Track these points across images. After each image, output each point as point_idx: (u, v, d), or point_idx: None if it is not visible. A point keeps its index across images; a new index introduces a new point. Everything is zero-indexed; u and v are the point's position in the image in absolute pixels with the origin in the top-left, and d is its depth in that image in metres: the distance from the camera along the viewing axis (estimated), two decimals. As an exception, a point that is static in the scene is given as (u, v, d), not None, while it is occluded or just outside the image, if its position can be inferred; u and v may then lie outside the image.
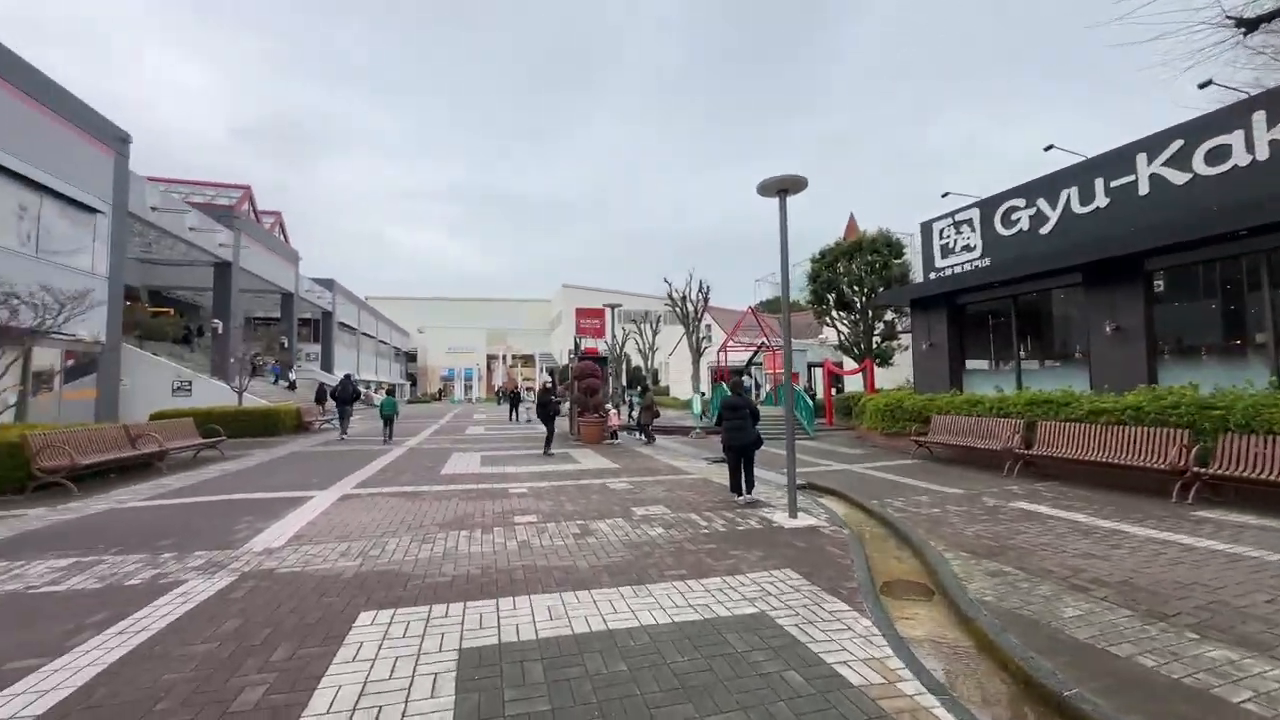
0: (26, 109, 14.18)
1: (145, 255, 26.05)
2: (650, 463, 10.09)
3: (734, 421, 6.76)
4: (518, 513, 6.05)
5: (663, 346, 43.16)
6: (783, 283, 6.11)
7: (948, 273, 12.82)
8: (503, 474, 8.73)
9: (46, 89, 14.79)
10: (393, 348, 60.68)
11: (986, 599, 3.68)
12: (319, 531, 5.26)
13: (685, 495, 7.05)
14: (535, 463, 10.07)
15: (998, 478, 8.31)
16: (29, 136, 14.15)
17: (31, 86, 14.22)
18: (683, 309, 30.52)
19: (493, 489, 7.44)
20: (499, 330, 74.86)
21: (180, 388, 20.05)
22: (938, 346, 12.89)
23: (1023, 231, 11.14)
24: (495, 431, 17.21)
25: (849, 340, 22.07)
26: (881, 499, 6.97)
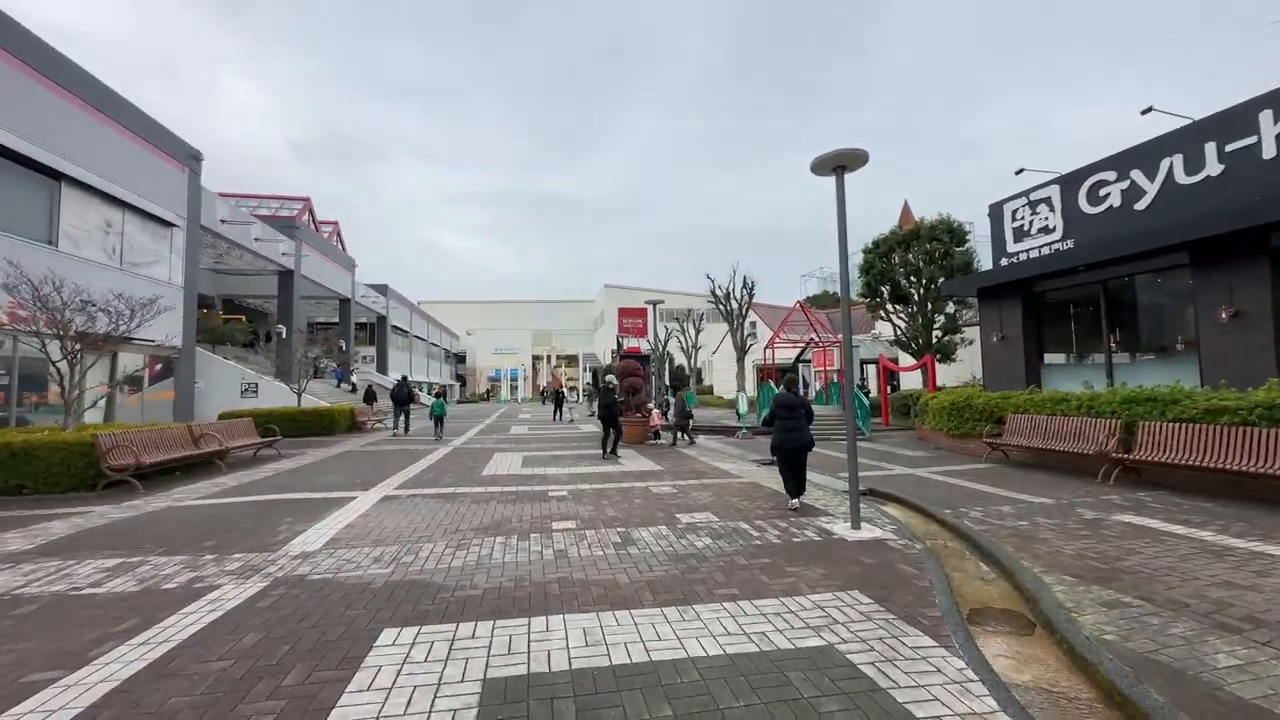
0: (111, 132, 15.27)
1: (217, 265, 27.86)
2: (695, 464, 9.63)
3: (788, 422, 6.14)
4: (556, 518, 5.76)
5: (706, 345, 42.42)
6: (841, 269, 5.53)
7: (1022, 258, 11.66)
8: (543, 475, 8.52)
9: (127, 112, 15.89)
10: (443, 350, 62.74)
11: (1107, 637, 3.04)
12: (356, 535, 5.15)
13: (734, 501, 6.57)
14: (576, 464, 9.82)
15: (1090, 485, 7.35)
16: (113, 158, 15.23)
17: (115, 111, 15.32)
18: (726, 306, 29.76)
19: (532, 491, 7.21)
20: (543, 331, 76.09)
21: (248, 389, 21.21)
22: (1011, 339, 11.75)
23: (1113, 208, 9.92)
24: (538, 432, 17.20)
25: (906, 335, 20.75)
26: (955, 508, 6.24)
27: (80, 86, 14.13)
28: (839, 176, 5.45)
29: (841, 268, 5.51)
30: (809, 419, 6.35)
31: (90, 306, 9.21)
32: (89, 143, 14.56)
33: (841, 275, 5.52)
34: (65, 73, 13.73)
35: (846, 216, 5.48)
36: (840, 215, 5.46)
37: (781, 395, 6.38)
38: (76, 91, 13.93)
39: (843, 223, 5.47)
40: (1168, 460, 6.98)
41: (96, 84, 14.79)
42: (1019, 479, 7.94)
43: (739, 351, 29.70)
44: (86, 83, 14.42)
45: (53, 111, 13.32)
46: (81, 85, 14.21)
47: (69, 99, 13.72)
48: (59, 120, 13.50)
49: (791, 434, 6.11)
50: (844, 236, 5.49)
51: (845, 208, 5.48)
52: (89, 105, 14.38)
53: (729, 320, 30.26)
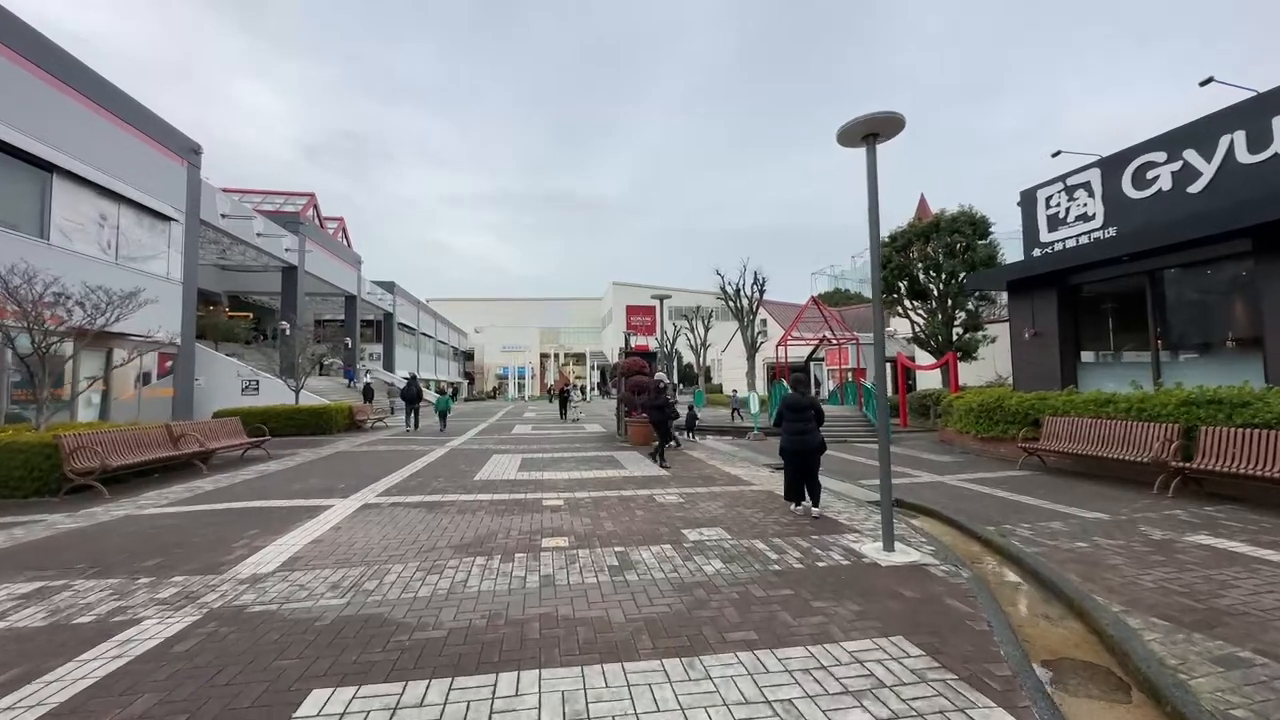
0: (106, 124, 14.87)
1: (222, 261, 27.62)
2: (703, 469, 8.97)
3: (796, 424, 5.85)
4: (547, 533, 5.13)
5: (715, 343, 41.66)
6: (873, 253, 4.84)
7: (1057, 248, 10.83)
8: (539, 481, 7.90)
9: (123, 104, 15.51)
10: (450, 347, 62.56)
11: (1236, 714, 2.34)
12: (319, 553, 4.55)
13: (748, 514, 5.89)
14: (577, 468, 9.19)
15: (1147, 497, 6.58)
16: (108, 149, 14.83)
17: (111, 102, 14.93)
18: (736, 303, 29.02)
19: (525, 500, 6.59)
20: (551, 329, 75.71)
21: (248, 387, 20.85)
22: (1045, 336, 10.93)
23: (1162, 192, 9.07)
24: (542, 431, 16.62)
25: (925, 332, 19.88)
26: (998, 524, 5.53)
27: (74, 77, 13.74)
28: (870, 147, 4.75)
29: (873, 252, 4.82)
30: (819, 420, 5.90)
31: (65, 299, 8.73)
32: (83, 134, 14.16)
33: (873, 259, 4.83)
34: (59, 63, 13.33)
35: (878, 195, 4.78)
36: (871, 192, 4.76)
37: (789, 396, 6.07)
38: (70, 82, 13.54)
39: (874, 200, 4.78)
40: (1237, 470, 6.20)
41: (91, 75, 14.40)
42: (1063, 489, 7.19)
43: (749, 349, 28.94)
44: (81, 74, 14.04)
45: (45, 102, 12.92)
46: (76, 76, 13.83)
47: (63, 89, 13.32)
48: (51, 111, 13.10)
49: (799, 436, 5.79)
50: (875, 216, 4.79)
51: (877, 184, 4.78)
52: (83, 96, 13.98)
53: (739, 317, 29.52)
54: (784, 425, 5.97)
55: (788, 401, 6.09)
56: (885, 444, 4.65)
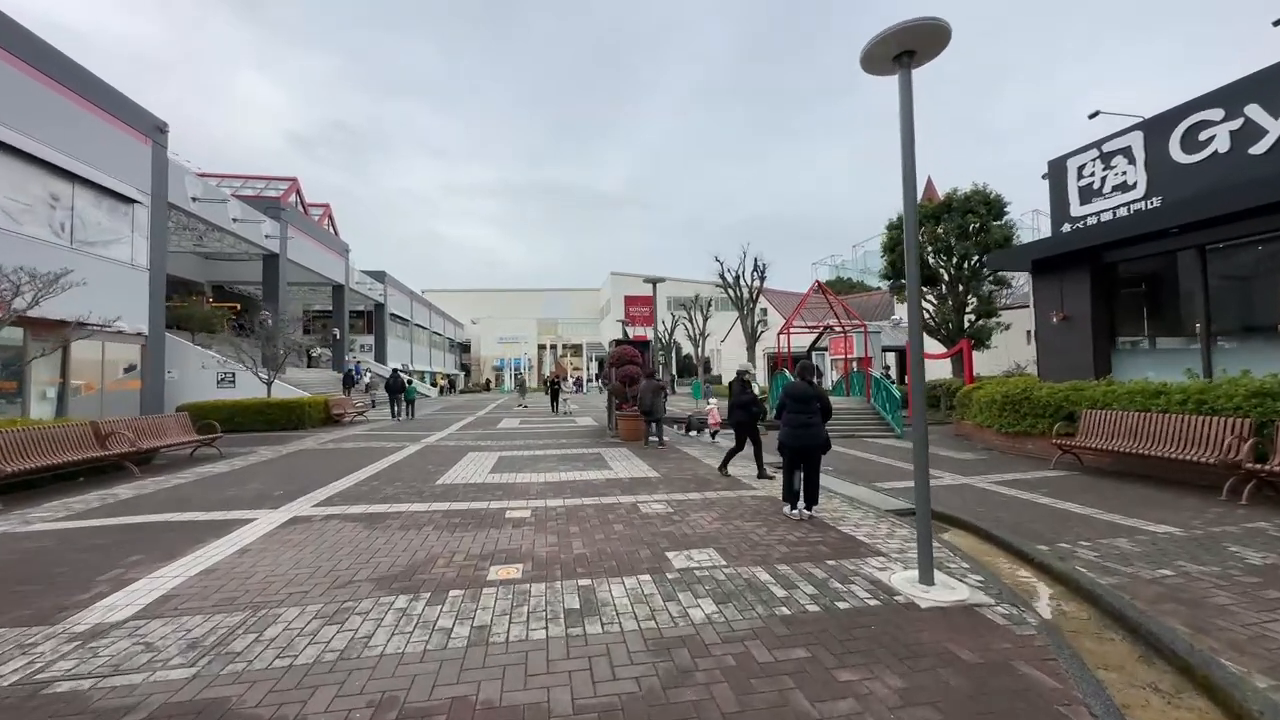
0: (57, 97, 13.75)
1: (199, 248, 26.54)
2: (697, 469, 8.00)
3: (799, 417, 5.21)
4: (500, 558, 4.16)
5: (714, 333, 40.64)
6: (906, 203, 3.80)
7: (1090, 222, 9.78)
8: (510, 485, 6.93)
9: (79, 78, 14.38)
10: (446, 339, 61.56)
11: None
12: (203, 589, 3.58)
13: (746, 528, 4.92)
14: (557, 468, 8.23)
15: (1214, 504, 5.61)
16: (58, 124, 13.72)
17: (63, 75, 13.81)
18: (736, 290, 27.96)
19: (487, 511, 5.61)
20: (549, 320, 74.62)
21: (224, 379, 19.85)
22: (1076, 320, 9.91)
23: (1218, 155, 8.01)
24: (529, 426, 15.67)
25: (934, 320, 18.84)
26: (1051, 541, 4.55)
27: (16, 45, 12.60)
28: (904, 72, 3.71)
29: (907, 208, 3.78)
30: (825, 415, 5.27)
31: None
32: (28, 107, 13.04)
33: (906, 212, 3.79)
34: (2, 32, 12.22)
35: (914, 138, 3.75)
36: (906, 131, 3.72)
37: (793, 385, 5.42)
38: (13, 50, 12.41)
39: (909, 143, 3.74)
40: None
41: (39, 43, 13.27)
42: (1111, 493, 6.22)
43: (749, 339, 27.92)
44: (25, 42, 12.89)
45: (-17, 71, 11.85)
46: (22, 45, 12.69)
47: (6, 59, 12.21)
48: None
49: (801, 430, 5.17)
50: (911, 163, 3.75)
51: (913, 121, 3.75)
52: (30, 67, 12.86)
53: (738, 306, 28.47)
54: (785, 417, 5.29)
55: (791, 390, 5.32)
56: (923, 450, 3.65)
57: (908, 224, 3.77)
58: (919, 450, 3.65)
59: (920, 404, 3.68)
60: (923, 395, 3.73)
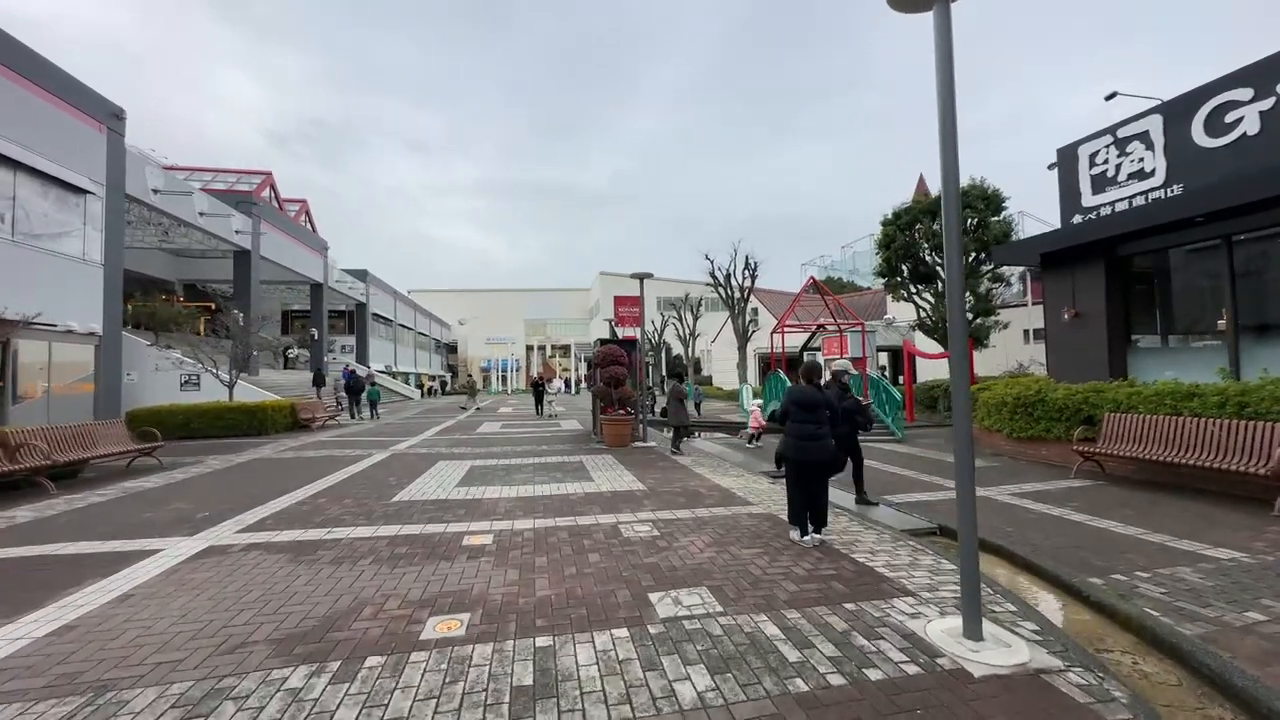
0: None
1: (165, 244, 25.31)
2: (687, 481, 7.25)
3: (805, 426, 4.48)
4: (444, 605, 3.37)
5: (704, 333, 40.02)
6: (945, 172, 3.08)
7: (1104, 212, 9.19)
8: (475, 502, 6.13)
9: (24, 59, 13.34)
10: (432, 340, 60.37)
11: None
12: (42, 659, 2.76)
13: (746, 558, 4.17)
14: (533, 479, 7.44)
15: (1268, 521, 4.99)
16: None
17: (5, 56, 12.77)
18: (727, 289, 27.32)
19: (443, 535, 4.81)
20: (537, 321, 73.61)
21: (188, 381, 18.75)
22: (1089, 316, 9.31)
23: (1246, 137, 7.44)
24: (510, 431, 14.83)
25: (933, 318, 18.30)
26: (1103, 572, 3.87)
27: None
28: (942, 6, 3.00)
29: (946, 168, 3.06)
30: (836, 423, 4.65)
31: None
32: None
33: (945, 171, 3.07)
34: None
35: (953, 83, 3.03)
36: (943, 73, 3.01)
37: (797, 389, 4.67)
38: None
39: (948, 88, 3.03)
40: (1398, 487, 4.60)
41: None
42: (1147, 507, 5.57)
43: (740, 338, 27.29)
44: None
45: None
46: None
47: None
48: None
49: (807, 442, 4.45)
50: (950, 112, 3.03)
51: (952, 61, 3.03)
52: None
53: (729, 305, 27.82)
54: (789, 425, 4.60)
55: (796, 396, 4.61)
56: (968, 476, 2.92)
57: (947, 192, 3.05)
58: (963, 476, 2.92)
59: (964, 418, 2.95)
60: (967, 408, 2.99)
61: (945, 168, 3.03)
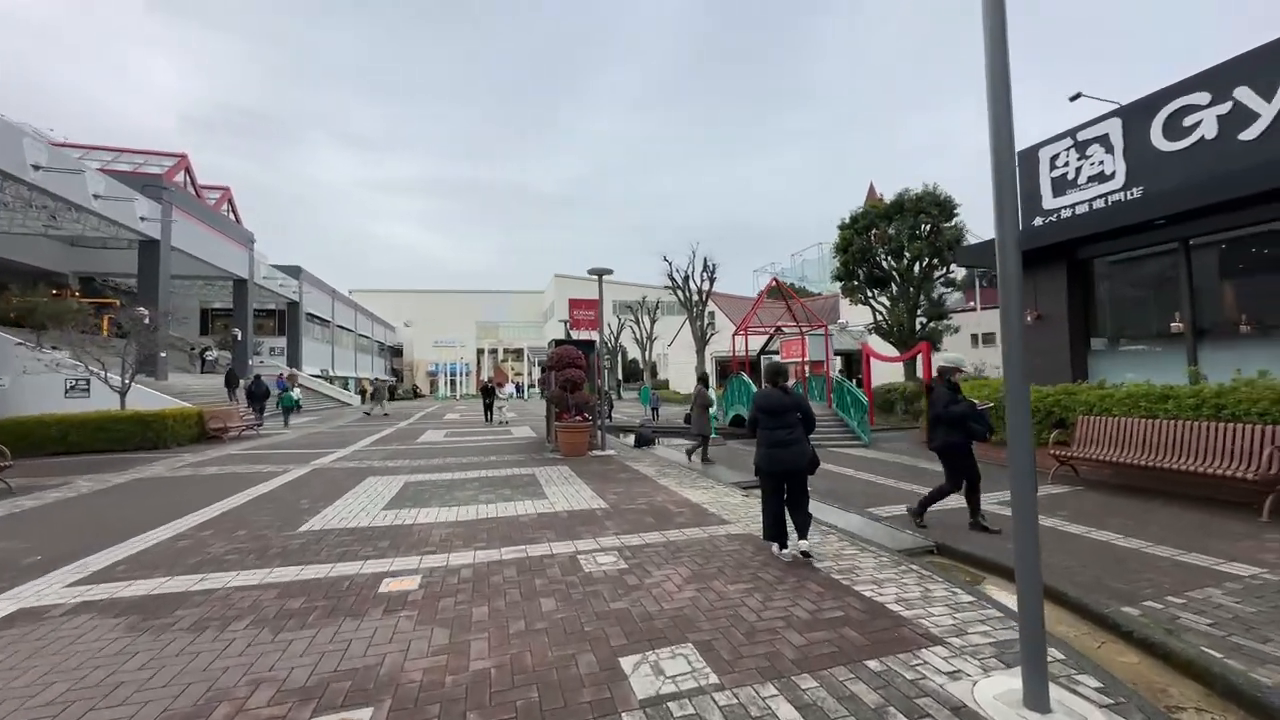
0: None
1: (55, 231, 22.26)
2: (654, 496, 6.49)
3: (776, 433, 4.20)
4: (338, 693, 2.44)
5: (660, 336, 39.60)
6: (994, 94, 2.47)
7: (1064, 214, 9.22)
8: (405, 529, 5.13)
9: None
10: (375, 342, 57.10)
11: None
12: None
13: (733, 596, 3.45)
14: (477, 498, 6.47)
15: (1263, 528, 4.78)
16: None
17: None
18: (685, 291, 26.92)
19: (355, 579, 3.83)
20: (489, 323, 71.22)
21: (75, 387, 16.30)
22: (1051, 319, 9.31)
23: (1205, 142, 7.52)
24: (456, 439, 13.62)
25: (888, 322, 18.50)
26: (1129, 597, 3.41)
27: None
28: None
29: (995, 86, 2.45)
30: (808, 427, 4.28)
31: None
32: None
33: (994, 132, 2.46)
34: None
35: (1006, 37, 2.44)
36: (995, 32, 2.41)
37: (765, 394, 4.38)
38: None
39: (1000, 35, 2.43)
40: (1386, 490, 4.46)
41: None
42: (1141, 516, 5.30)
43: (699, 341, 26.93)
44: None
45: None
46: None
47: None
48: None
49: (780, 450, 4.18)
50: (1001, 52, 2.44)
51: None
52: None
53: (688, 307, 27.43)
54: (759, 434, 4.30)
55: (763, 403, 4.31)
56: (1030, 520, 2.31)
57: (998, 185, 2.44)
58: (1025, 524, 2.30)
59: (1024, 451, 2.33)
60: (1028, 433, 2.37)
61: (996, 154, 2.42)
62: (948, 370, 5.19)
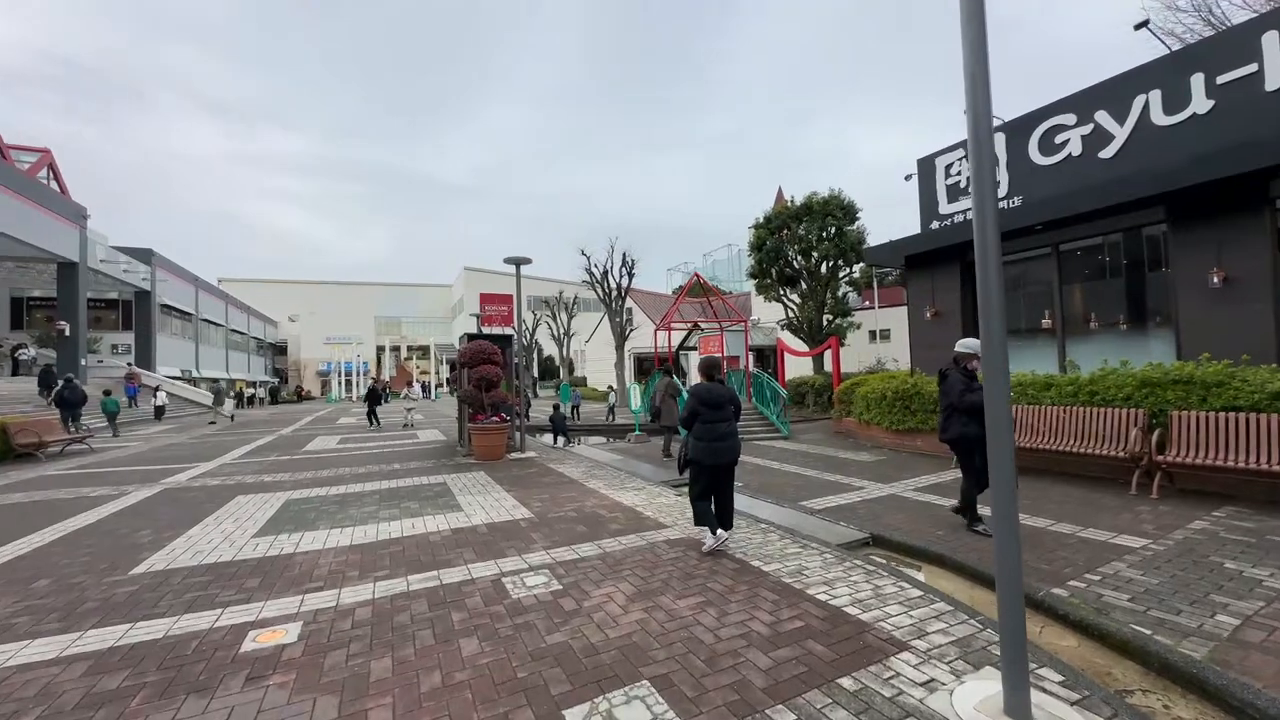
0: None
1: None
2: (583, 501, 6.01)
3: (715, 427, 4.22)
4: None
5: (578, 332, 38.89)
6: (971, 83, 2.31)
7: (959, 219, 10.01)
8: (285, 559, 4.21)
9: None
10: (253, 339, 50.52)
11: None
12: None
13: (685, 612, 3.10)
14: (376, 515, 5.59)
15: (1135, 501, 5.36)
16: None
17: None
18: (604, 286, 26.46)
19: (209, 636, 2.97)
20: (390, 319, 66.06)
21: None
22: (946, 315, 10.08)
23: (1072, 158, 8.44)
24: (350, 446, 12.14)
25: (798, 319, 19.40)
26: (1054, 577, 3.53)
27: None
28: None
29: (973, 82, 2.29)
30: (738, 417, 4.44)
31: None
32: None
33: (973, 90, 2.29)
34: None
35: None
36: None
37: (702, 387, 4.37)
38: None
39: None
40: (1222, 464, 5.17)
41: None
42: (1036, 495, 5.72)
43: (618, 338, 26.64)
44: None
45: None
46: None
47: None
48: None
49: (720, 443, 4.20)
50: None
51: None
52: None
53: (607, 303, 27.02)
54: (697, 427, 4.25)
55: (705, 396, 4.28)
56: (1009, 518, 2.17)
57: (974, 139, 2.27)
58: (1005, 529, 2.16)
59: (1005, 445, 2.19)
60: (1008, 426, 2.23)
61: (976, 108, 2.25)
62: (964, 356, 4.69)
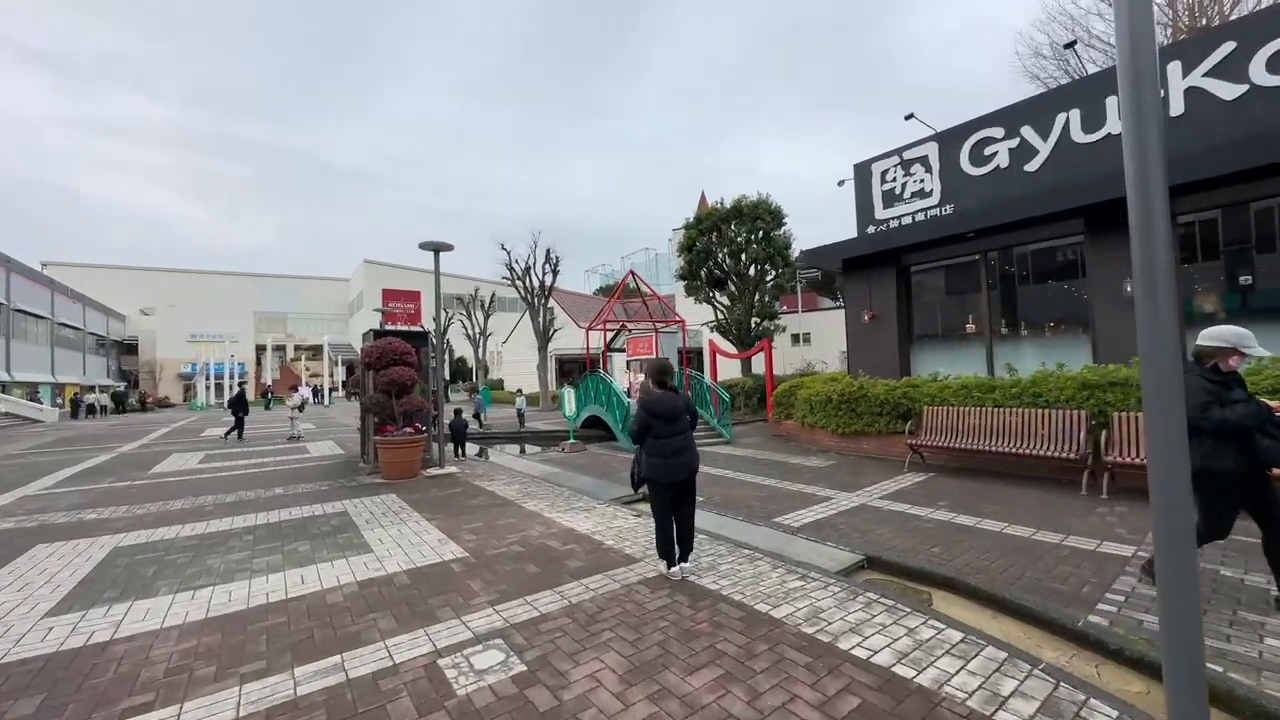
0: None
1: None
2: (527, 528, 5.01)
3: (671, 441, 3.75)
4: None
5: (495, 333, 36.72)
6: None
7: (893, 225, 10.21)
8: (98, 649, 2.84)
9: None
10: (91, 335, 42.25)
11: None
12: None
13: (699, 696, 2.31)
14: (246, 565, 4.21)
15: (1093, 502, 5.40)
16: None
17: None
18: (525, 283, 25.00)
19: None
20: (274, 314, 58.68)
21: None
22: (883, 319, 10.22)
23: (1000, 169, 8.83)
24: (217, 466, 9.98)
25: (728, 321, 19.39)
26: (1071, 599, 3.20)
27: None
28: None
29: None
30: (694, 426, 3.93)
31: None
32: None
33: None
34: None
35: None
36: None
37: (656, 397, 3.85)
38: None
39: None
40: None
41: None
42: (1003, 500, 5.63)
43: (540, 338, 25.29)
44: None
45: None
46: None
47: None
48: None
49: (675, 459, 3.73)
50: None
51: None
52: None
53: (529, 301, 25.56)
54: (651, 444, 3.78)
55: (656, 408, 3.79)
56: (1191, 600, 1.64)
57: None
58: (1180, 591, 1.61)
59: (1178, 464, 1.64)
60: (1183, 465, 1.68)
61: None
62: (1214, 352, 3.02)
